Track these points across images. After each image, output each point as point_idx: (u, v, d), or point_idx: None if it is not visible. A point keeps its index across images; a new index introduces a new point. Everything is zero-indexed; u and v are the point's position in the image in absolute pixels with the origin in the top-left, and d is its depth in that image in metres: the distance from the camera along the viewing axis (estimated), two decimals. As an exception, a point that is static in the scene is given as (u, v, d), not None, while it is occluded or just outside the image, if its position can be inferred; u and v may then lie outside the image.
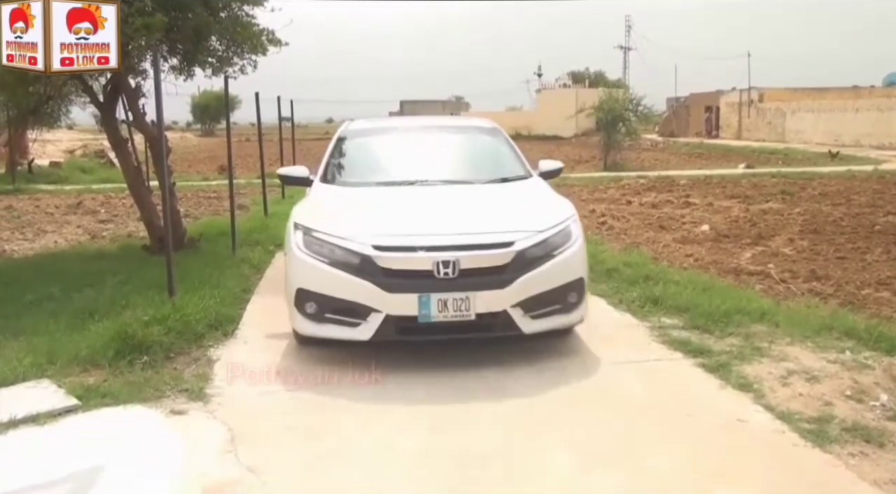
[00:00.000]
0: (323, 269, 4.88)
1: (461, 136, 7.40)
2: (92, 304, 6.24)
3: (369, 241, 4.85)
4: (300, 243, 5.07)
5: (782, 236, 12.02)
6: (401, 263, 4.81)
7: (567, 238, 5.20)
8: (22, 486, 3.35)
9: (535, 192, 6.10)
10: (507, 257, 4.87)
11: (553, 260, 5.02)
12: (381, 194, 5.98)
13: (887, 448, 3.85)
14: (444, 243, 4.83)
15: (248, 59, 10.38)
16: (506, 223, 5.18)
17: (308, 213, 5.48)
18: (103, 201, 17.24)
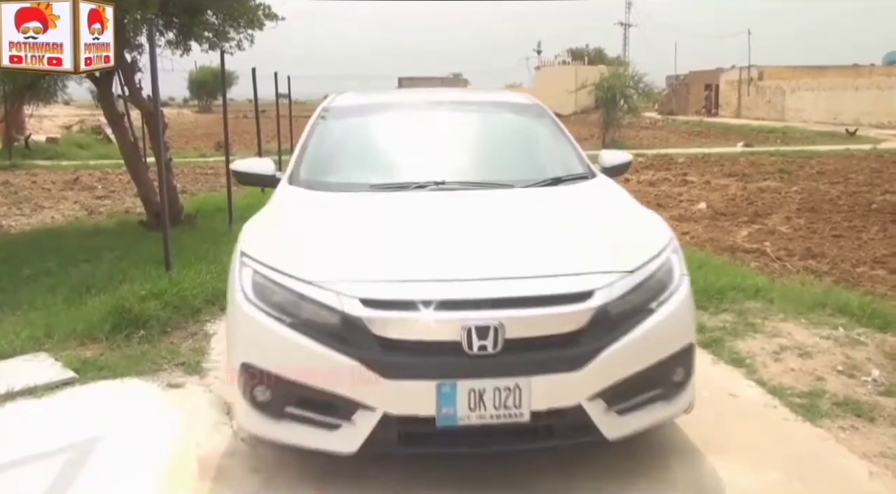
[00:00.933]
0: (281, 335, 3.01)
1: (492, 117, 5.11)
2: (89, 279, 6.26)
3: (356, 291, 2.99)
4: (247, 288, 3.19)
5: (779, 214, 12.07)
6: (407, 329, 2.94)
7: (668, 278, 3.32)
8: (20, 457, 3.38)
9: (608, 201, 4.07)
10: (582, 317, 3.00)
11: (651, 317, 3.14)
12: (377, 206, 3.88)
13: (877, 422, 3.90)
14: (477, 295, 2.99)
15: (244, 34, 10.38)
16: (574, 256, 3.29)
17: (263, 237, 3.57)
18: (100, 177, 17.22)
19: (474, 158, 4.58)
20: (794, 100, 40.19)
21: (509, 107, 5.26)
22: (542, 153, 4.75)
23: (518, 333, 2.95)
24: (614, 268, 3.18)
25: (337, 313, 2.97)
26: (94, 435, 3.54)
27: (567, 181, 4.28)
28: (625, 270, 3.19)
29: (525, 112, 5.14)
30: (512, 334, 2.93)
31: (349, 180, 4.25)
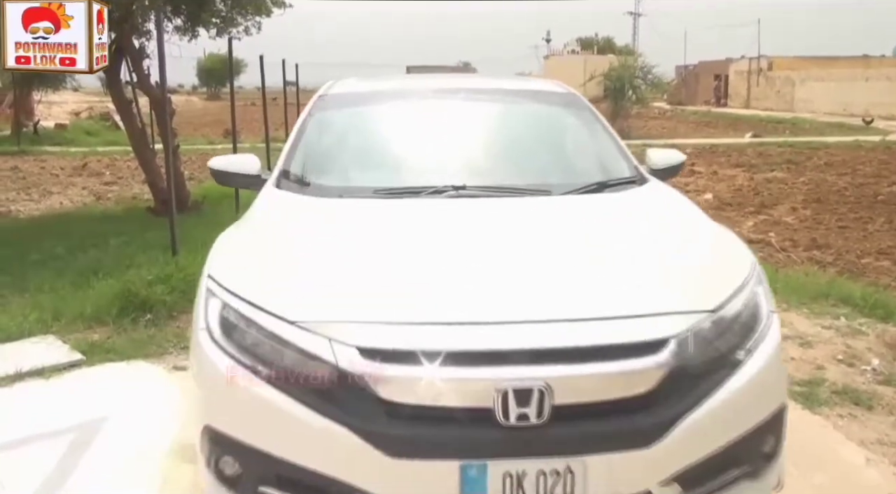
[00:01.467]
0: (255, 392, 2.29)
1: (520, 108, 4.27)
2: (96, 263, 6.33)
3: (353, 337, 2.25)
4: (214, 324, 2.46)
5: (785, 205, 12.07)
6: (421, 391, 2.19)
7: (755, 319, 2.54)
8: (28, 435, 3.44)
9: (670, 214, 3.24)
10: (653, 375, 2.26)
11: (739, 372, 2.39)
12: (384, 217, 3.09)
13: (876, 410, 3.93)
14: (517, 345, 2.24)
15: (251, 20, 10.42)
16: (639, 290, 2.48)
17: (238, 257, 2.83)
18: (108, 163, 17.30)
19: (501, 158, 3.76)
20: (803, 91, 40.04)
21: (539, 96, 4.42)
22: (581, 152, 3.98)
23: (570, 397, 2.20)
24: (692, 307, 2.39)
25: (328, 366, 2.21)
26: (100, 416, 3.60)
27: (613, 187, 3.46)
28: (705, 309, 2.40)
29: (558, 102, 4.33)
30: (562, 399, 2.18)
31: (349, 183, 3.51)
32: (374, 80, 4.80)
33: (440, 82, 4.75)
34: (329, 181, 3.50)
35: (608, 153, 3.84)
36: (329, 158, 3.77)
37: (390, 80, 4.99)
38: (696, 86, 52.49)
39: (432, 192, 3.22)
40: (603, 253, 2.74)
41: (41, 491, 3.03)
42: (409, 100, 4.29)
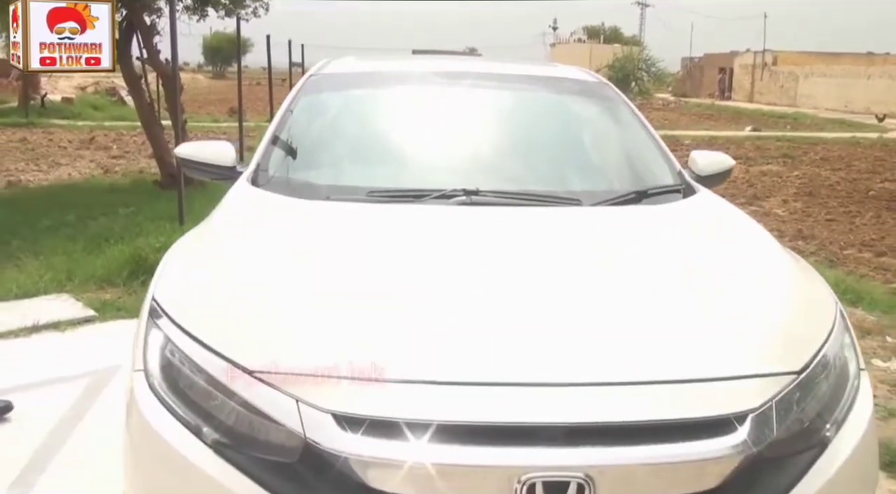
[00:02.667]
0: (196, 465, 1.71)
1: (543, 98, 3.61)
2: (106, 231, 6.62)
3: (327, 399, 1.65)
4: (153, 366, 1.91)
5: (777, 198, 12.32)
6: (418, 479, 1.58)
7: (843, 379, 1.98)
8: (46, 379, 3.73)
9: (730, 240, 2.61)
10: (726, 464, 1.64)
11: (829, 453, 1.82)
12: (377, 228, 2.47)
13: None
14: (542, 417, 1.64)
15: (260, 1, 10.67)
16: (704, 345, 1.86)
17: (191, 276, 2.26)
18: (115, 137, 17.53)
19: (522, 157, 3.15)
20: (806, 87, 40.18)
21: (565, 84, 3.72)
22: (615, 152, 3.38)
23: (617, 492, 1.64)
24: (774, 369, 1.82)
25: (293, 436, 1.65)
26: (113, 365, 3.87)
27: (654, 197, 2.83)
28: (790, 371, 1.83)
29: (587, 92, 3.65)
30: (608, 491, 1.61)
31: (339, 182, 2.90)
32: (375, 60, 4.31)
33: (452, 65, 4.12)
34: (315, 178, 2.92)
35: (647, 154, 3.23)
36: (317, 150, 3.16)
37: (394, 59, 4.39)
38: (701, 78, 52.61)
39: (438, 197, 2.62)
40: (652, 292, 2.09)
41: (58, 428, 3.31)
42: (414, 84, 3.63)
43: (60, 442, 3.20)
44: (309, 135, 3.21)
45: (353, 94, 3.54)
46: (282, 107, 3.42)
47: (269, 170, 2.94)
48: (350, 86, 3.62)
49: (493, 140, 3.22)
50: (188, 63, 79.12)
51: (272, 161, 3.00)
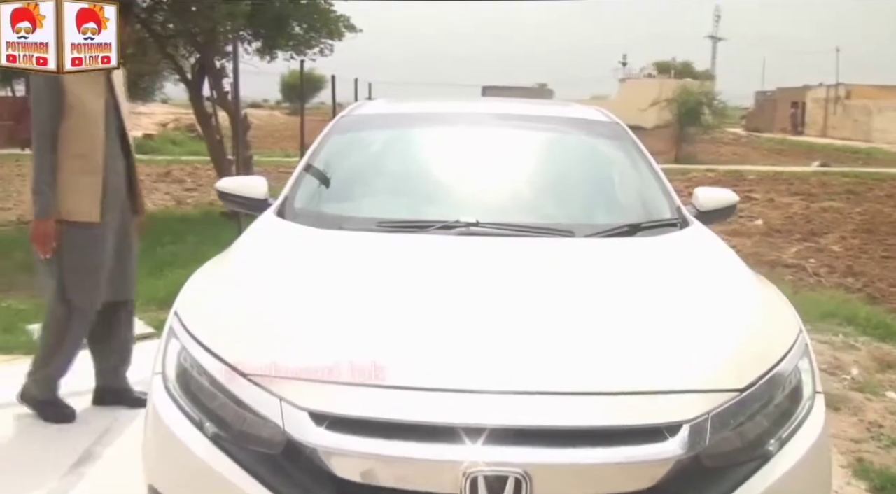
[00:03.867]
0: (197, 454, 2.05)
1: (553, 137, 3.89)
2: (171, 257, 7.16)
3: (306, 398, 1.97)
4: (170, 370, 2.26)
5: (835, 234, 12.22)
6: (377, 470, 1.89)
7: (795, 400, 2.18)
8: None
9: (705, 268, 2.84)
10: (657, 469, 1.88)
11: (769, 467, 2.02)
12: (379, 254, 2.80)
13: (842, 411, 4.35)
14: (493, 420, 1.89)
15: (325, 44, 11.29)
16: (653, 361, 2.10)
17: (209, 294, 2.63)
18: (190, 171, 18.47)
19: (523, 192, 3.41)
20: (880, 121, 39.23)
21: (577, 124, 4.01)
22: (617, 188, 3.65)
23: (555, 490, 1.86)
24: (715, 386, 2.01)
25: (276, 429, 1.93)
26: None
27: (648, 229, 3.07)
28: (732, 388, 2.02)
29: (599, 132, 3.91)
30: (544, 491, 1.83)
31: (354, 213, 3.20)
32: (404, 102, 4.57)
33: (473, 107, 4.49)
34: (332, 210, 3.26)
35: (648, 191, 3.45)
36: (337, 185, 3.49)
37: (421, 102, 4.64)
38: (774, 112, 51.86)
39: (441, 227, 2.90)
40: (620, 313, 2.34)
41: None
42: (432, 125, 3.96)
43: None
44: (332, 171, 3.56)
45: (374, 135, 3.89)
46: (313, 144, 3.80)
47: (295, 203, 3.27)
48: (374, 127, 3.98)
49: (497, 176, 3.49)
50: (267, 100, 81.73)
51: (298, 194, 3.34)
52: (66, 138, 3.63)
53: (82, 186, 3.64)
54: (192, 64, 10.69)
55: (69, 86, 3.67)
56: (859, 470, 3.63)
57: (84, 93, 3.69)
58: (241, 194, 3.49)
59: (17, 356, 4.83)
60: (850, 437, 4.01)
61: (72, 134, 3.65)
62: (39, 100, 3.69)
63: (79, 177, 3.64)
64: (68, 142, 3.64)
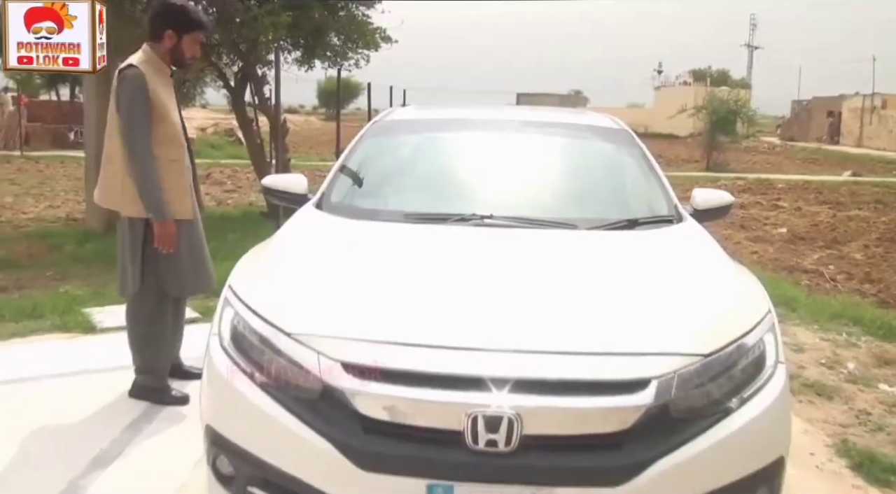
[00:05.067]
0: (250, 399, 2.47)
1: (566, 142, 4.32)
2: (214, 252, 7.52)
3: (339, 352, 2.39)
4: (225, 332, 2.69)
5: (858, 242, 12.36)
6: (396, 409, 2.31)
7: (758, 367, 2.56)
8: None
9: (690, 255, 3.26)
10: (629, 415, 2.30)
11: (728, 421, 2.41)
12: (403, 240, 3.26)
13: (834, 400, 4.65)
14: (489, 372, 2.31)
15: (361, 54, 11.75)
16: (632, 329, 2.52)
17: (258, 269, 3.09)
18: (230, 174, 19.09)
19: (534, 190, 3.85)
20: (917, 132, 38.89)
21: (590, 131, 4.45)
22: (620, 188, 4.05)
23: (540, 428, 2.25)
24: (683, 350, 2.41)
25: (314, 378, 2.37)
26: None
27: (645, 224, 3.48)
28: (698, 353, 2.41)
29: (607, 138, 4.34)
30: (532, 429, 2.24)
31: (383, 207, 3.65)
32: (432, 109, 5.11)
33: (494, 114, 4.94)
34: (364, 203, 3.69)
35: (649, 191, 3.86)
36: (369, 182, 3.96)
37: (447, 109, 5.15)
38: (809, 122, 51.46)
39: (458, 220, 3.34)
40: (607, 290, 2.78)
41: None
42: (457, 130, 4.40)
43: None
44: (365, 170, 4.03)
45: (404, 139, 4.38)
46: (349, 146, 4.26)
47: (332, 198, 3.75)
48: (403, 132, 4.46)
49: (511, 176, 3.94)
50: (303, 106, 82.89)
51: (334, 190, 3.82)
52: (161, 143, 3.92)
53: (178, 187, 4.00)
54: (234, 71, 11.22)
55: (153, 92, 3.89)
56: (842, 450, 3.94)
57: (165, 98, 3.96)
58: (284, 189, 3.95)
59: (75, 334, 5.35)
60: (839, 422, 4.32)
61: (165, 139, 3.95)
62: (134, 107, 3.83)
63: (176, 179, 4.00)
64: (163, 148, 3.94)
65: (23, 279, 7.26)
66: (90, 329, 5.39)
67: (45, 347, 5.06)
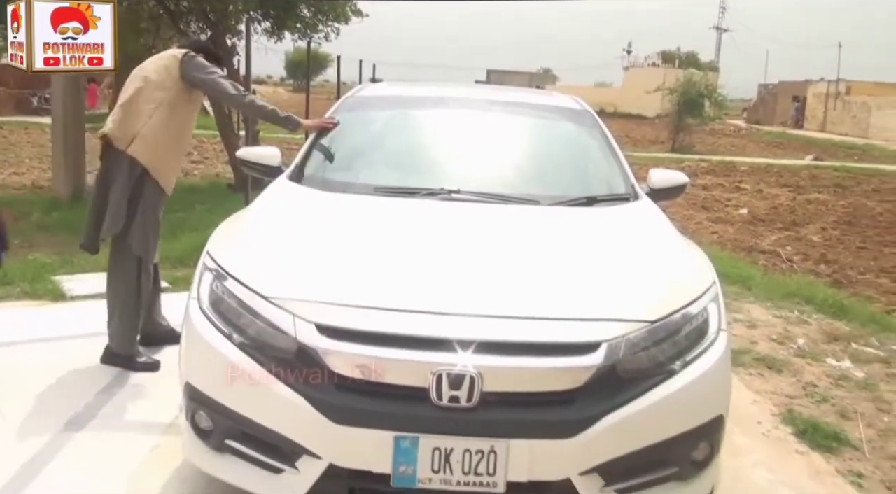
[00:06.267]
0: (228, 357, 2.62)
1: (531, 122, 4.50)
2: (182, 222, 7.67)
3: (313, 314, 2.56)
4: (204, 295, 2.84)
5: (816, 224, 12.71)
6: (365, 367, 2.49)
7: (701, 333, 2.76)
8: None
9: (643, 231, 3.47)
10: (580, 374, 2.51)
11: (672, 381, 2.62)
12: (373, 212, 3.42)
13: (783, 373, 4.85)
14: (451, 335, 2.50)
15: (331, 27, 11.75)
16: (585, 297, 2.74)
17: (234, 237, 3.22)
18: (196, 144, 18.89)
19: (499, 167, 4.04)
20: (879, 118, 39.53)
21: (554, 111, 4.64)
22: (582, 167, 4.22)
23: (498, 386, 2.45)
24: (632, 316, 2.62)
25: (289, 338, 2.54)
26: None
27: (603, 202, 3.68)
28: (645, 320, 2.62)
29: (570, 118, 4.53)
30: (491, 386, 2.44)
31: (354, 180, 3.78)
32: (403, 86, 5.24)
33: (462, 92, 5.02)
34: (336, 176, 3.83)
35: (608, 170, 4.04)
36: (342, 156, 4.08)
37: (417, 86, 5.31)
38: (775, 106, 52.19)
39: (427, 194, 3.51)
40: (565, 261, 2.99)
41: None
42: (426, 107, 4.56)
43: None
44: (338, 145, 4.13)
45: (375, 114, 4.52)
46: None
47: (305, 170, 3.89)
48: (373, 108, 4.60)
49: (478, 153, 4.11)
50: (271, 76, 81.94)
51: (308, 163, 3.96)
52: (189, 124, 4.53)
53: (177, 167, 4.55)
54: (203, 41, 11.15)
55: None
56: (787, 418, 4.14)
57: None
58: (258, 161, 4.07)
59: (44, 301, 5.38)
60: (786, 394, 4.53)
61: (191, 121, 4.54)
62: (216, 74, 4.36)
63: (181, 157, 4.63)
64: (189, 128, 4.58)
65: (-11, 247, 7.23)
66: (60, 296, 5.42)
67: (16, 314, 5.08)
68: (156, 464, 3.26)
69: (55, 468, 3.22)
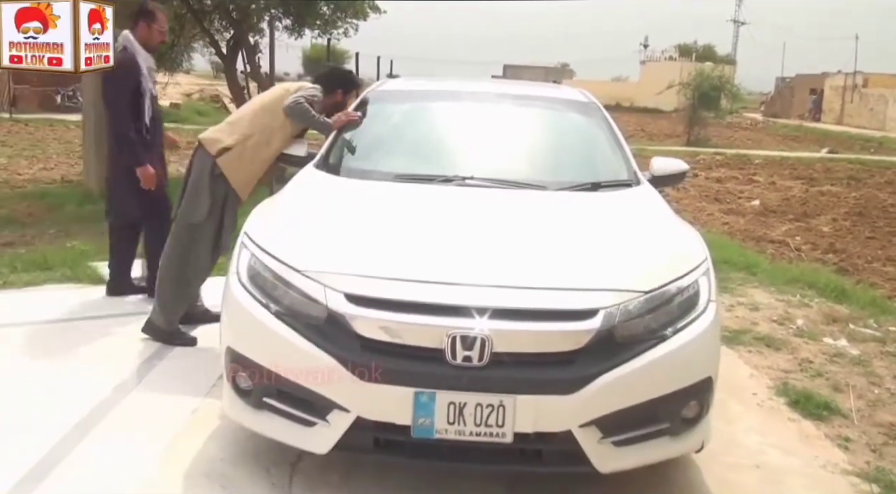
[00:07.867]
0: (265, 323, 2.97)
1: (540, 113, 4.84)
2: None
3: (342, 285, 2.90)
4: (242, 271, 3.18)
5: (827, 216, 12.78)
6: (389, 331, 2.82)
7: (692, 304, 3.08)
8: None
9: (642, 213, 3.80)
10: (580, 337, 2.82)
11: (663, 345, 2.93)
12: (394, 196, 3.78)
13: (781, 351, 5.12)
14: (465, 302, 2.83)
15: (350, 23, 12.05)
16: (585, 270, 3.08)
17: (268, 218, 3.54)
18: (217, 140, 19.26)
19: (510, 155, 4.36)
20: (896, 110, 39.39)
21: (561, 103, 5.01)
22: (587, 155, 4.52)
23: (507, 347, 2.77)
24: (627, 287, 2.95)
25: (321, 306, 2.88)
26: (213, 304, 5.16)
27: (607, 187, 4.01)
28: (640, 290, 2.95)
29: (577, 110, 4.87)
30: (500, 348, 2.76)
31: (375, 168, 4.13)
32: (420, 81, 5.61)
33: (476, 86, 5.40)
34: (359, 165, 4.22)
35: (612, 158, 4.35)
36: (363, 146, 4.43)
37: (433, 81, 5.62)
38: (792, 99, 51.98)
39: (442, 180, 3.87)
40: (569, 239, 3.34)
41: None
42: (441, 100, 4.96)
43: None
44: (360, 136, 4.49)
45: (394, 108, 4.86)
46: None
47: (330, 160, 4.26)
48: (393, 101, 4.95)
49: (490, 142, 4.44)
50: (288, 73, 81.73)
51: (332, 152, 4.33)
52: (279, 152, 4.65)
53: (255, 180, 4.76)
54: (226, 39, 11.49)
55: None
56: (782, 390, 4.41)
57: None
58: (287, 152, 4.52)
59: (84, 284, 5.74)
60: (782, 369, 4.80)
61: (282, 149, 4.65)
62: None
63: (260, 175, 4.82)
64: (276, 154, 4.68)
65: (27, 236, 7.58)
66: (99, 280, 5.76)
67: (60, 295, 5.45)
68: (196, 425, 3.60)
69: (105, 427, 3.57)
